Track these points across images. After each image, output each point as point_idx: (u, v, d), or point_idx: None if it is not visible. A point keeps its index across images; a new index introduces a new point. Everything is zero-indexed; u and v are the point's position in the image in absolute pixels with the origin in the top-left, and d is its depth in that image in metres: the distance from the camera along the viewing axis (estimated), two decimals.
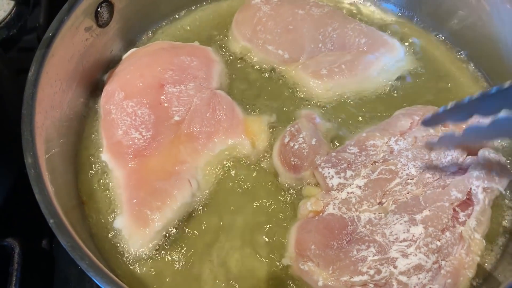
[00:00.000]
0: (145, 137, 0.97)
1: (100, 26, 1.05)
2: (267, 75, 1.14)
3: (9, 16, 1.37)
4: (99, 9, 1.03)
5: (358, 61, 1.09)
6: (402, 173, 0.91)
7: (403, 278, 0.81)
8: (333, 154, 0.94)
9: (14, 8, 1.38)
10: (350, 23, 1.15)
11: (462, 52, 1.17)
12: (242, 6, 1.21)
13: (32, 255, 0.99)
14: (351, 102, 1.09)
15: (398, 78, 1.12)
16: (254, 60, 1.16)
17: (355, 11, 1.26)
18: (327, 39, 1.12)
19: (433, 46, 1.19)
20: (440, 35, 1.21)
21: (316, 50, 1.12)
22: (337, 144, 1.01)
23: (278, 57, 1.13)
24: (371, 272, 0.81)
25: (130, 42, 1.19)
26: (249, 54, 1.16)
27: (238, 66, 1.16)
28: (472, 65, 1.16)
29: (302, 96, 1.10)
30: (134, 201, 0.92)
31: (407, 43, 1.18)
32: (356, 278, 0.81)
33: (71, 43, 0.98)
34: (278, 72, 1.14)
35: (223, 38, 1.20)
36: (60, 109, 0.96)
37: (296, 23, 1.14)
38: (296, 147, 0.96)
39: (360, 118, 1.07)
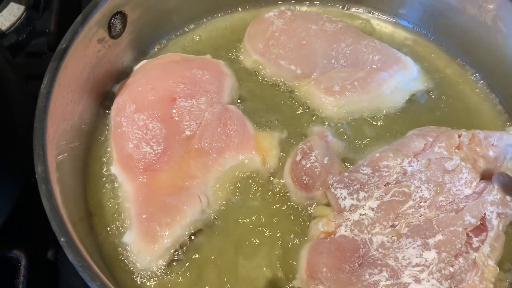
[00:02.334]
0: (155, 151, 0.96)
1: (113, 37, 1.04)
2: (278, 90, 1.13)
3: (19, 21, 1.37)
4: (112, 21, 1.02)
5: (371, 78, 1.09)
6: (415, 195, 0.90)
7: None
8: (346, 174, 0.93)
9: (24, 13, 1.37)
10: (364, 39, 1.14)
11: (476, 72, 1.17)
12: (255, 19, 1.20)
13: (37, 266, 0.98)
14: (363, 120, 1.08)
15: (411, 97, 1.11)
16: (266, 74, 1.15)
17: (369, 28, 1.25)
18: (340, 55, 1.12)
19: (446, 64, 1.19)
20: (454, 54, 1.20)
21: (329, 66, 1.11)
22: (348, 164, 1.00)
23: (290, 72, 1.12)
24: None
25: (142, 53, 1.18)
26: (261, 68, 1.15)
27: (250, 80, 1.15)
28: (485, 85, 1.15)
29: (313, 112, 1.09)
30: (144, 216, 0.91)
31: (420, 62, 1.17)
32: None
33: (84, 55, 0.97)
34: (290, 87, 1.13)
35: (235, 51, 1.20)
36: (71, 121, 0.95)
37: (309, 39, 1.13)
38: (308, 165, 0.95)
39: (372, 137, 1.06)
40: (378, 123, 1.08)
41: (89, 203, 0.97)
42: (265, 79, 1.15)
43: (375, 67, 1.11)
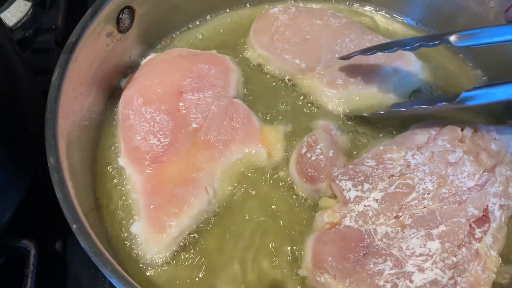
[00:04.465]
0: (163, 144, 0.98)
1: (121, 31, 1.06)
2: (283, 84, 1.15)
3: (26, 17, 1.38)
4: (121, 15, 1.04)
5: (374, 72, 1.10)
6: (418, 187, 0.91)
7: None
8: (350, 166, 0.95)
9: (31, 9, 1.39)
10: (368, 34, 1.15)
11: (478, 68, 1.18)
12: (260, 15, 1.21)
13: (46, 256, 0.99)
14: (366, 114, 1.09)
15: (414, 92, 1.13)
16: (270, 69, 1.16)
17: (373, 24, 1.27)
18: (344, 50, 1.13)
19: (449, 60, 1.20)
20: (456, 50, 1.21)
21: (333, 61, 1.13)
22: (352, 157, 1.02)
23: (294, 67, 1.14)
24: (388, 286, 0.81)
25: (149, 47, 1.20)
26: (265, 62, 1.17)
27: (255, 74, 1.16)
28: (487, 81, 1.16)
29: (317, 105, 1.11)
30: (151, 207, 0.92)
31: (423, 57, 1.18)
32: None
33: (93, 48, 0.99)
34: (294, 81, 1.14)
35: (241, 46, 1.21)
36: (80, 113, 0.97)
37: (313, 33, 1.14)
38: (313, 158, 0.96)
39: (375, 130, 1.07)
40: (381, 117, 1.09)
41: (97, 194, 0.98)
42: (270, 73, 1.16)
43: (378, 61, 1.12)
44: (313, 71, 1.13)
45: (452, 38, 0.87)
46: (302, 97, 1.13)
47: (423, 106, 0.97)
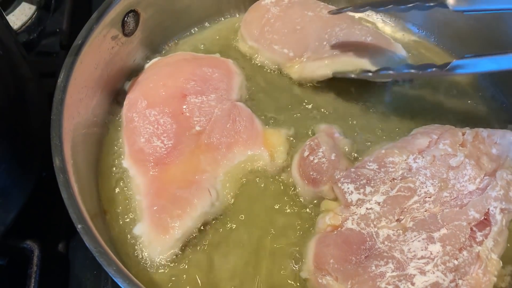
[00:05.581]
0: (166, 146, 0.99)
1: (126, 35, 1.07)
2: (272, 73, 1.18)
3: (30, 20, 1.40)
4: (126, 19, 1.05)
5: (361, 51, 1.12)
6: (420, 191, 0.92)
7: None
8: (352, 169, 0.95)
9: (35, 13, 1.40)
10: (358, 25, 1.17)
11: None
12: (252, 7, 1.23)
13: (49, 257, 1.00)
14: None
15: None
16: (260, 60, 1.19)
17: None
18: (332, 38, 1.14)
19: (438, 57, 1.23)
20: (458, 56, 1.22)
21: (320, 48, 1.14)
22: (354, 159, 1.03)
23: (283, 56, 1.16)
24: None
25: (153, 51, 1.21)
26: (256, 54, 1.20)
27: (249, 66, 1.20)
28: (489, 86, 1.17)
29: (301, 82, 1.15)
30: (155, 208, 0.93)
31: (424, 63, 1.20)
32: None
33: (98, 51, 1.00)
34: (283, 70, 1.18)
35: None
36: (85, 115, 0.98)
37: (304, 24, 1.16)
38: (315, 161, 0.97)
39: (376, 134, 1.09)
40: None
41: (101, 196, 0.99)
42: (260, 63, 1.19)
43: (365, 44, 1.13)
44: (301, 57, 1.15)
45: (450, 0, 0.88)
46: (290, 83, 1.17)
47: (412, 71, 0.98)
